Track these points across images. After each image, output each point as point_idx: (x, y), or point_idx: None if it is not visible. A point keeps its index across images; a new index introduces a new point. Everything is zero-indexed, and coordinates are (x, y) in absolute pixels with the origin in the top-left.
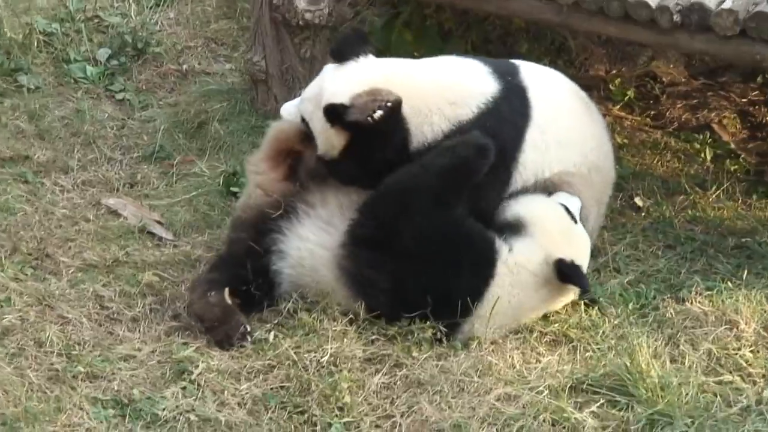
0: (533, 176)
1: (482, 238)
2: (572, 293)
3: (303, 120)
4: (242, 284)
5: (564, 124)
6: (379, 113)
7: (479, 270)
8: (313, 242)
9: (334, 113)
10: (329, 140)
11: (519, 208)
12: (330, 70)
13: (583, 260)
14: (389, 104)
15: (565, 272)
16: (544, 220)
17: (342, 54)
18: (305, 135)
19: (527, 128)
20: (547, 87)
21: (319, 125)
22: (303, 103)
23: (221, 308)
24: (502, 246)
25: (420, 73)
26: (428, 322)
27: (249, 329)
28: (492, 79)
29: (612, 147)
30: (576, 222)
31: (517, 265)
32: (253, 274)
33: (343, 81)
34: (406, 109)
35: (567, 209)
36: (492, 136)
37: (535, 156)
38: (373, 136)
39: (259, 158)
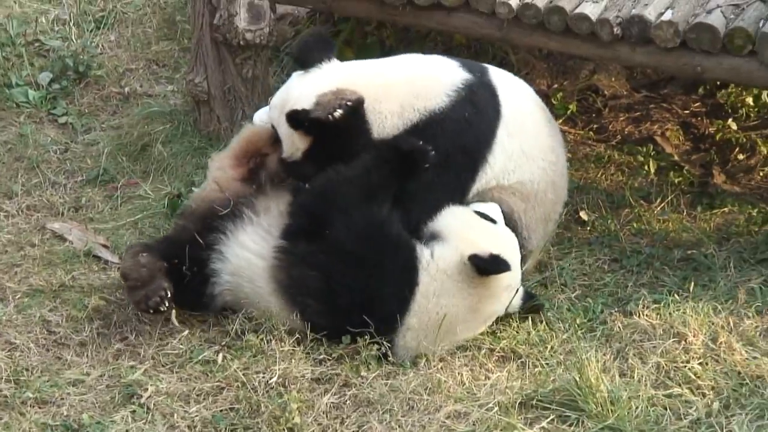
0: (494, 180)
1: (406, 243)
2: (507, 299)
3: (272, 126)
4: (177, 263)
5: (529, 133)
6: (339, 111)
7: (403, 275)
8: (251, 251)
9: (296, 119)
10: (294, 143)
11: (435, 220)
12: (296, 77)
13: (504, 253)
14: (350, 103)
15: (480, 265)
16: (457, 224)
17: (305, 60)
18: (275, 139)
19: (499, 125)
20: (514, 91)
21: (284, 130)
22: (271, 110)
23: (148, 270)
24: (423, 252)
25: (386, 70)
26: (367, 338)
27: (169, 295)
28: (462, 72)
29: (566, 165)
30: (495, 223)
31: (439, 271)
32: (190, 261)
33: (307, 87)
34: (374, 108)
35: (483, 214)
36: (466, 125)
37: (503, 158)
38: (335, 136)
39: (224, 155)
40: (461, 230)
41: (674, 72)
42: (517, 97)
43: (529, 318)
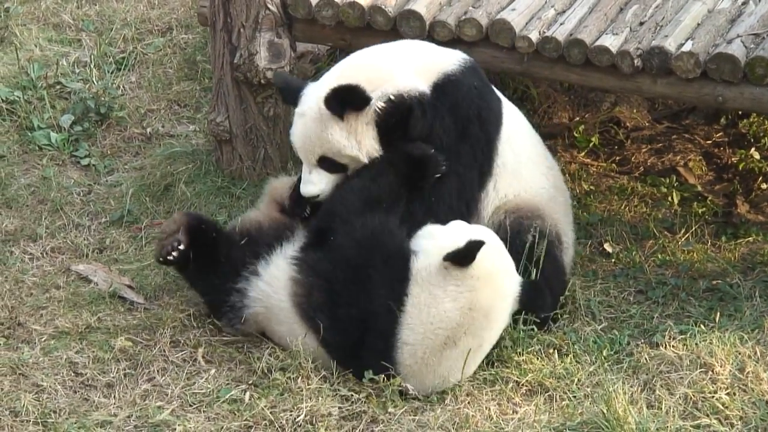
0: (510, 185)
1: (399, 253)
2: (503, 286)
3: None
4: (205, 228)
5: (526, 135)
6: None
7: (394, 287)
8: (279, 269)
9: (343, 96)
10: (356, 136)
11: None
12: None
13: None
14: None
15: (456, 257)
16: (427, 236)
17: (292, 98)
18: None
19: (503, 113)
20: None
21: (336, 132)
22: (300, 151)
23: (175, 223)
24: (415, 262)
25: (391, 51)
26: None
27: (182, 247)
28: (457, 52)
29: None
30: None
31: (425, 281)
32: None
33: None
34: (400, 79)
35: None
36: (477, 93)
37: (512, 157)
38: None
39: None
40: (432, 240)
41: (696, 102)
42: (509, 106)
43: (555, 351)
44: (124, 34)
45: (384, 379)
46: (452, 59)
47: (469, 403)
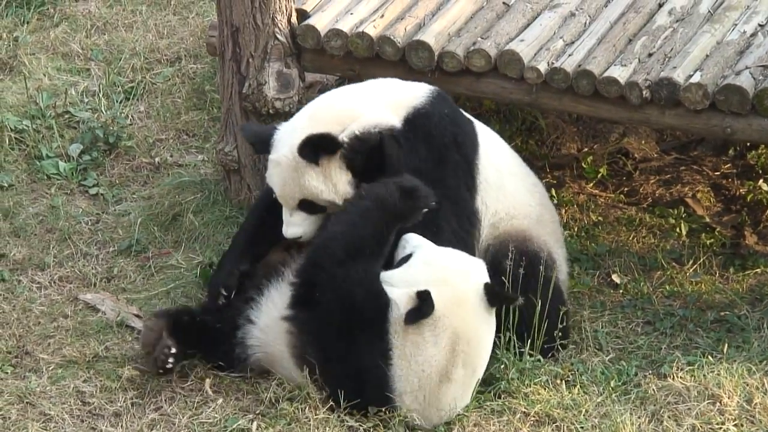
0: (495, 198)
1: (377, 307)
2: (480, 318)
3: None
4: (187, 319)
5: (503, 150)
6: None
7: (377, 342)
8: (279, 308)
9: (315, 144)
10: (332, 180)
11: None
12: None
13: (432, 280)
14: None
15: (414, 315)
16: (391, 283)
17: (263, 147)
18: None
19: (476, 130)
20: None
21: (312, 179)
22: (279, 196)
23: (153, 332)
24: (392, 313)
25: (357, 92)
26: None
27: (174, 351)
28: (422, 84)
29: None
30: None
31: (403, 332)
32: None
33: (297, 128)
34: (371, 117)
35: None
36: (450, 119)
37: (493, 172)
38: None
39: None
40: (394, 289)
41: (704, 134)
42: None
43: (563, 382)
44: (133, 63)
45: (389, 410)
46: (420, 92)
47: None
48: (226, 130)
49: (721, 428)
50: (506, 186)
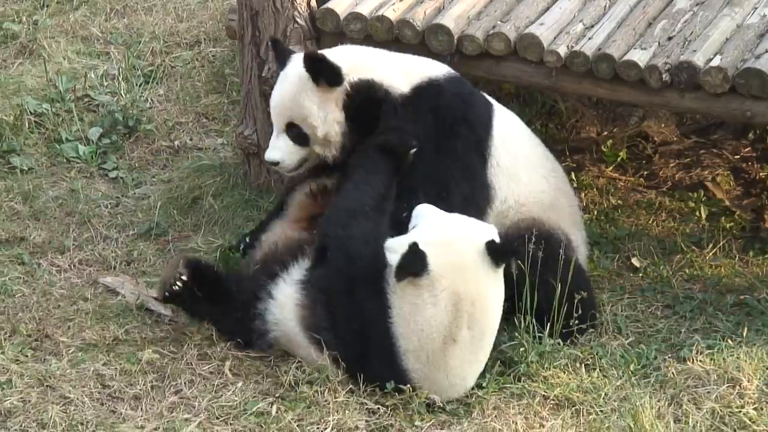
0: (506, 184)
1: (376, 266)
2: (484, 277)
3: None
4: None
5: (522, 136)
6: None
7: (375, 301)
8: (288, 297)
9: (317, 61)
10: (326, 113)
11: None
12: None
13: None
14: None
15: (401, 271)
16: (389, 249)
17: (282, 59)
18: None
19: (493, 114)
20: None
21: (308, 104)
22: (275, 116)
23: (175, 261)
24: (389, 276)
25: (383, 53)
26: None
27: (184, 277)
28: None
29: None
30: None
31: (399, 293)
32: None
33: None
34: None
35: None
36: (465, 100)
37: (507, 157)
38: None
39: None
40: (391, 254)
41: (724, 117)
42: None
43: (582, 365)
44: (153, 47)
45: (410, 390)
46: (437, 69)
47: (496, 416)
48: (246, 114)
49: (740, 411)
50: (520, 174)
